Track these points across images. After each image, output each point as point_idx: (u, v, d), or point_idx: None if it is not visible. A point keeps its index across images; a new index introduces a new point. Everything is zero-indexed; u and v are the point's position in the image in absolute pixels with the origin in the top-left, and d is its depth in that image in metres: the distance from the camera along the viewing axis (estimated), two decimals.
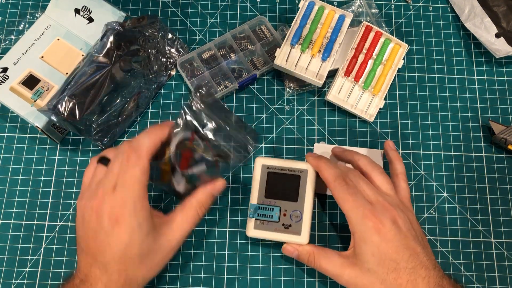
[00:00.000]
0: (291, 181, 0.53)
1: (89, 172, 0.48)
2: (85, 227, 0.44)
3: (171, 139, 0.48)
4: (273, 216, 0.53)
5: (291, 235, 0.52)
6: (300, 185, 0.53)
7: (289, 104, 0.64)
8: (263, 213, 0.53)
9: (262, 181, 0.54)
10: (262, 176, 0.54)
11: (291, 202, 0.53)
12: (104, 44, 0.56)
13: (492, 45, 0.65)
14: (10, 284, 0.56)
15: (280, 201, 0.53)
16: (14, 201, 0.59)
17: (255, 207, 0.53)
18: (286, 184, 0.53)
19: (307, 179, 0.53)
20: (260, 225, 0.53)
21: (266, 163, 0.54)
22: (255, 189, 0.54)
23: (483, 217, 0.60)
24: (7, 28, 0.66)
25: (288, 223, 0.52)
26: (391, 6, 0.69)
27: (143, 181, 0.44)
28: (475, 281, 0.58)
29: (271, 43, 0.65)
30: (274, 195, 0.53)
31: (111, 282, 0.42)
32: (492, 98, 0.65)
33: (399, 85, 0.65)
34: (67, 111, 0.54)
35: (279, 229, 0.52)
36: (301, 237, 0.52)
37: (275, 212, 0.53)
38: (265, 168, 0.54)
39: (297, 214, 0.52)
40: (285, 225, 0.52)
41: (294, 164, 0.54)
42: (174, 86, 0.64)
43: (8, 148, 0.61)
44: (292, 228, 0.52)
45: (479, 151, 0.63)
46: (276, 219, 0.53)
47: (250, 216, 0.53)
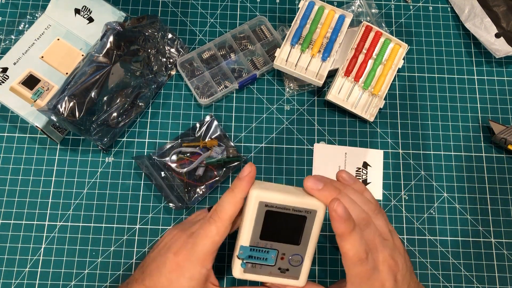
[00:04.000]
0: (294, 222, 0.42)
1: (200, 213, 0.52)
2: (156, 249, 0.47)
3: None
4: (268, 259, 0.43)
5: (286, 279, 0.44)
6: (305, 228, 0.43)
7: (289, 104, 0.64)
8: (255, 255, 0.43)
9: (258, 220, 0.42)
10: (258, 215, 0.42)
11: (292, 246, 0.43)
12: (104, 44, 0.56)
13: (492, 45, 0.65)
14: (10, 284, 0.56)
15: (279, 243, 0.43)
16: (14, 201, 0.59)
17: (247, 250, 0.43)
18: (288, 225, 0.43)
19: (315, 221, 0.42)
20: (251, 268, 0.43)
21: (265, 199, 0.41)
22: (247, 228, 0.42)
23: (483, 217, 0.60)
24: (7, 28, 0.66)
25: (285, 267, 0.43)
26: (391, 6, 0.69)
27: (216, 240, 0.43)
28: (475, 281, 0.58)
29: (271, 43, 0.65)
30: (272, 237, 0.43)
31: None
32: (492, 98, 0.65)
33: (399, 85, 0.65)
34: (67, 111, 0.54)
35: (274, 273, 0.44)
36: (299, 281, 0.44)
37: (271, 255, 0.43)
38: (263, 205, 0.41)
39: (298, 258, 0.43)
40: (282, 269, 0.44)
41: (301, 202, 0.42)
42: (174, 86, 0.64)
43: (8, 148, 0.61)
44: (289, 272, 0.44)
45: (479, 151, 0.63)
46: (271, 263, 0.43)
47: (238, 257, 0.43)
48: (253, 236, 0.42)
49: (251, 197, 0.42)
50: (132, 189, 0.60)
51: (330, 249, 0.58)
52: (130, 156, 0.61)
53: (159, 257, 0.45)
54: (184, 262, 0.43)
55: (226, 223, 0.43)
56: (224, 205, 0.44)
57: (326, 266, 0.58)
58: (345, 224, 0.39)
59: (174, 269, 0.43)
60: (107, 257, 0.57)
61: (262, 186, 0.43)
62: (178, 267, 0.43)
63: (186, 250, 0.44)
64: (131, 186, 0.60)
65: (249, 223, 0.42)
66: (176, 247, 0.45)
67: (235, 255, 0.43)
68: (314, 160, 0.62)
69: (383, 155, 0.62)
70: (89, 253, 0.57)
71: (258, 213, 0.42)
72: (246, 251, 0.42)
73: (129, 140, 0.62)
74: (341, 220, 0.39)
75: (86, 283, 0.56)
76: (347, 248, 0.40)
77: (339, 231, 0.39)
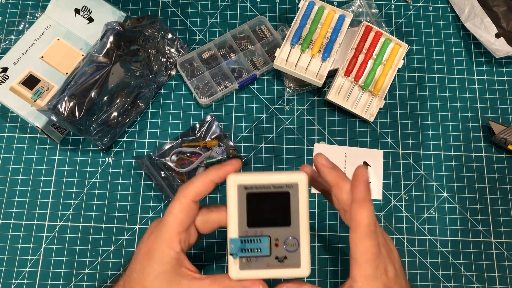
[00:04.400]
0: (278, 200, 0.41)
1: None
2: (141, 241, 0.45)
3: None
4: (262, 249, 0.40)
5: (288, 269, 0.41)
6: (291, 204, 0.41)
7: (289, 104, 0.64)
8: (248, 247, 0.40)
9: (241, 206, 0.40)
10: (240, 200, 0.40)
11: (283, 228, 0.41)
12: (104, 44, 0.56)
13: (492, 45, 0.65)
14: (10, 284, 0.56)
15: (269, 228, 0.41)
16: (14, 201, 0.59)
17: (237, 242, 0.40)
18: (273, 206, 0.41)
19: (299, 195, 0.41)
20: (246, 263, 0.40)
21: (243, 182, 0.40)
22: (232, 218, 0.41)
23: (483, 217, 0.60)
24: (7, 28, 0.66)
25: (282, 255, 0.40)
26: (391, 6, 0.69)
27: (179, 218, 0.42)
28: (475, 281, 0.58)
29: (271, 43, 0.65)
30: (260, 222, 0.41)
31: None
32: (492, 98, 0.65)
33: (399, 85, 0.65)
34: (67, 111, 0.54)
35: (273, 264, 0.40)
36: (302, 269, 0.41)
37: (264, 243, 0.40)
38: (242, 189, 0.40)
39: (293, 242, 0.41)
40: (279, 257, 0.41)
41: (279, 178, 0.41)
42: (174, 86, 0.64)
43: (8, 148, 0.61)
44: (288, 260, 0.40)
45: (479, 151, 0.63)
46: (266, 253, 0.40)
47: (231, 253, 0.40)
48: (240, 225, 0.40)
49: (229, 183, 0.41)
50: (132, 189, 0.60)
51: (330, 249, 0.58)
52: (130, 156, 0.61)
53: (138, 245, 0.45)
54: (153, 244, 0.42)
55: (189, 199, 0.42)
56: (191, 182, 0.43)
57: (326, 266, 0.58)
58: (367, 189, 0.38)
59: (145, 253, 0.42)
60: (107, 257, 0.57)
61: (239, 173, 0.42)
62: (149, 250, 0.42)
63: (155, 232, 0.43)
64: (131, 186, 0.60)
65: (233, 212, 0.41)
66: (149, 231, 0.44)
67: (228, 254, 0.41)
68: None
69: (383, 155, 0.62)
70: (89, 253, 0.57)
71: (240, 198, 0.40)
72: (237, 244, 0.40)
73: (129, 140, 0.62)
74: (366, 184, 0.38)
75: (86, 283, 0.56)
76: (363, 217, 0.38)
77: (361, 196, 0.38)
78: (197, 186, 0.42)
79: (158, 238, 0.42)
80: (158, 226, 0.43)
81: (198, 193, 0.42)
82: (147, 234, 0.44)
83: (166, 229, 0.42)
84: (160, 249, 0.42)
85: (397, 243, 0.59)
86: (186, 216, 0.42)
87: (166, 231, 0.42)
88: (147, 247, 0.43)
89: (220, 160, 0.59)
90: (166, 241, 0.42)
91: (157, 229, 0.43)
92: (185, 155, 0.60)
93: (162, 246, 0.42)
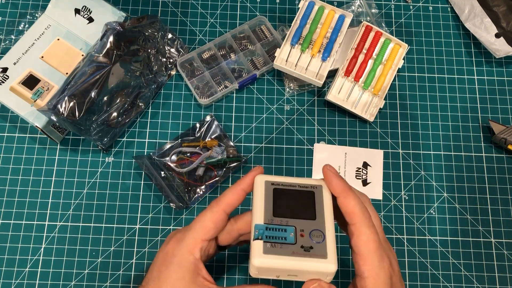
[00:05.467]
0: (304, 197, 0.41)
1: None
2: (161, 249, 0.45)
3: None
4: (288, 238, 0.39)
5: (314, 259, 0.38)
6: (316, 202, 0.41)
7: (289, 104, 0.64)
8: (273, 235, 0.39)
9: (268, 198, 0.41)
10: (266, 193, 0.41)
11: (308, 221, 0.40)
12: (104, 44, 0.56)
13: (492, 45, 0.65)
14: (10, 284, 0.56)
15: (294, 219, 0.40)
16: (14, 201, 0.59)
17: (262, 228, 0.39)
18: (299, 201, 0.41)
19: (323, 195, 0.41)
20: (271, 248, 0.38)
21: (270, 179, 0.42)
22: (258, 207, 0.40)
23: (483, 217, 0.60)
24: (7, 28, 0.66)
25: (308, 245, 0.39)
26: (391, 6, 0.69)
27: (207, 226, 0.42)
28: (475, 281, 0.58)
29: (271, 43, 0.65)
30: (285, 213, 0.40)
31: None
32: (492, 98, 0.65)
33: (399, 85, 0.65)
34: (67, 111, 0.54)
35: (298, 253, 0.38)
36: (329, 260, 0.38)
37: (289, 232, 0.39)
38: (270, 184, 0.42)
39: (319, 233, 0.39)
40: (305, 247, 0.38)
41: (305, 180, 0.43)
42: (174, 86, 0.64)
43: (8, 148, 0.61)
44: (314, 250, 0.38)
45: (479, 151, 0.63)
46: (291, 241, 0.39)
47: (254, 238, 0.38)
48: (266, 213, 0.40)
49: (257, 180, 0.42)
50: (132, 189, 0.60)
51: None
52: (130, 156, 0.61)
53: (155, 256, 0.44)
54: (172, 249, 0.42)
55: (221, 209, 0.42)
56: (224, 194, 0.43)
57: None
58: (342, 181, 0.40)
59: (163, 259, 0.42)
60: (107, 257, 0.57)
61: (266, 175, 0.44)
62: (167, 255, 0.42)
63: (177, 238, 0.43)
64: (131, 186, 0.60)
65: (259, 203, 0.41)
66: (169, 238, 0.44)
67: (251, 240, 0.39)
68: (314, 160, 0.62)
69: (383, 155, 0.62)
70: (89, 253, 0.57)
71: (266, 191, 0.41)
72: (262, 229, 0.39)
73: (129, 140, 0.62)
74: (338, 177, 0.40)
75: (86, 283, 0.56)
76: (353, 205, 0.39)
77: (339, 188, 0.40)
78: (228, 197, 0.42)
79: (179, 243, 0.42)
80: (179, 232, 0.43)
81: (230, 204, 0.42)
82: (165, 242, 0.44)
83: (190, 234, 0.42)
84: (180, 254, 0.41)
85: (397, 243, 0.59)
86: (214, 226, 0.42)
87: (190, 236, 0.41)
88: (166, 252, 0.42)
89: (220, 160, 0.59)
90: (187, 246, 0.41)
91: (178, 235, 0.43)
92: (185, 155, 0.60)
93: (182, 251, 0.41)
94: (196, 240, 0.41)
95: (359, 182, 0.61)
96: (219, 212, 0.42)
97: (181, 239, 0.42)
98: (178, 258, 0.41)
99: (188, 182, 0.59)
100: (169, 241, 0.43)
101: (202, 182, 0.59)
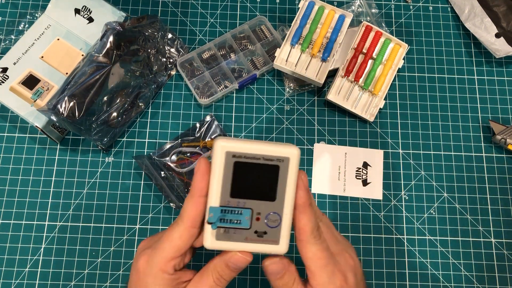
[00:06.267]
0: (266, 173, 0.38)
1: None
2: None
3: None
4: (242, 222, 0.38)
5: (265, 244, 0.39)
6: (279, 179, 0.38)
7: (289, 104, 0.64)
8: (228, 218, 0.38)
9: (227, 174, 0.38)
10: (226, 168, 0.38)
11: (266, 202, 0.39)
12: (104, 44, 0.56)
13: (492, 45, 0.65)
14: (10, 284, 0.56)
15: (252, 201, 0.38)
16: (14, 201, 0.59)
17: (217, 211, 0.38)
18: (260, 178, 0.38)
19: (289, 170, 0.38)
20: (224, 234, 0.38)
21: (232, 149, 0.37)
22: (215, 185, 0.38)
23: (483, 217, 0.60)
24: (7, 28, 0.66)
25: (262, 230, 0.39)
26: (391, 6, 0.69)
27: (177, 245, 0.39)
28: (475, 281, 0.58)
29: (271, 43, 0.65)
30: (244, 194, 0.38)
31: None
32: (492, 98, 0.65)
33: (399, 85, 0.65)
34: (67, 111, 0.54)
35: (251, 238, 0.39)
36: (280, 246, 0.39)
37: (245, 216, 0.38)
38: (230, 156, 0.37)
39: (275, 217, 0.39)
40: (259, 232, 0.39)
41: (271, 150, 0.38)
42: (174, 86, 0.64)
43: (8, 148, 0.61)
44: (267, 235, 0.39)
45: (479, 151, 0.63)
46: (246, 225, 0.38)
47: (209, 222, 0.38)
48: (222, 194, 0.38)
49: (217, 148, 0.37)
50: (132, 189, 0.60)
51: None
52: (130, 156, 0.61)
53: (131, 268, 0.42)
54: (143, 268, 0.40)
55: (188, 225, 0.39)
56: (184, 208, 0.40)
57: None
58: (308, 195, 0.38)
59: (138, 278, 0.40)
60: (107, 257, 0.57)
61: (228, 139, 0.39)
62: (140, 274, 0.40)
63: (147, 255, 0.40)
64: (131, 186, 0.60)
65: (217, 180, 0.37)
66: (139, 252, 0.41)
67: (205, 222, 0.38)
68: (314, 160, 0.62)
69: (383, 155, 0.62)
70: (89, 253, 0.57)
71: (226, 166, 0.37)
72: (217, 213, 0.38)
73: (129, 140, 0.62)
74: (305, 190, 0.38)
75: (86, 283, 0.56)
76: (304, 223, 0.38)
77: (302, 201, 0.38)
78: (190, 210, 0.39)
79: (149, 263, 0.40)
80: (149, 248, 0.40)
81: (194, 218, 0.39)
82: (135, 257, 0.41)
83: (160, 253, 0.39)
84: (152, 274, 0.39)
85: (397, 243, 0.59)
86: (184, 244, 0.39)
87: (159, 256, 0.39)
88: (137, 270, 0.40)
89: None
90: (158, 266, 0.39)
91: (148, 251, 0.40)
92: (185, 155, 0.60)
93: (154, 271, 0.39)
94: (167, 259, 0.39)
95: (359, 182, 0.61)
96: (187, 229, 0.39)
97: (151, 257, 0.40)
98: (152, 278, 0.39)
99: (188, 182, 0.59)
100: (139, 258, 0.41)
101: None
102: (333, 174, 0.61)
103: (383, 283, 0.57)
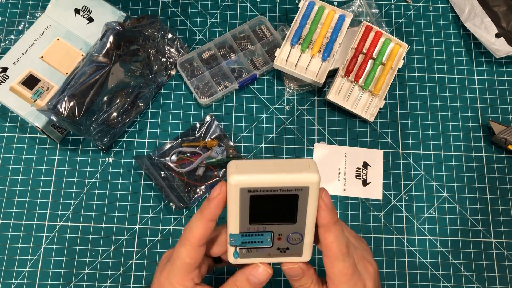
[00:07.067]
0: (285, 202, 0.37)
1: None
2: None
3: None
4: (264, 242, 0.39)
5: (289, 257, 0.39)
6: (299, 205, 0.37)
7: (289, 104, 0.64)
8: (249, 240, 0.38)
9: (243, 207, 0.37)
10: (242, 202, 0.36)
11: (287, 225, 0.38)
12: (104, 44, 0.56)
13: (492, 45, 0.65)
14: (10, 284, 0.56)
15: (272, 224, 0.38)
16: (14, 201, 0.59)
17: (238, 237, 0.38)
18: (279, 207, 0.37)
19: (309, 198, 0.36)
20: (247, 253, 0.39)
21: (246, 185, 0.35)
22: (233, 215, 0.37)
23: (483, 217, 0.60)
24: (7, 28, 0.66)
25: (284, 247, 0.39)
26: (391, 6, 0.69)
27: (187, 262, 0.40)
28: (475, 281, 0.58)
29: (271, 43, 0.65)
30: (263, 220, 0.38)
31: None
32: (492, 98, 0.65)
33: (399, 85, 0.65)
34: (67, 111, 0.54)
35: (274, 254, 0.39)
36: (303, 257, 0.40)
37: (266, 237, 0.38)
38: (246, 192, 0.35)
39: (297, 236, 0.38)
40: (281, 249, 0.39)
41: (288, 180, 0.35)
42: (174, 86, 0.64)
43: (8, 148, 0.61)
44: (290, 250, 0.39)
45: (479, 151, 0.63)
46: (268, 244, 0.39)
47: (231, 245, 0.39)
48: (241, 222, 0.37)
49: (230, 186, 0.35)
50: (132, 189, 0.60)
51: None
52: (130, 156, 0.61)
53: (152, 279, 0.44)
54: (165, 283, 0.41)
55: (195, 245, 0.40)
56: (192, 227, 0.40)
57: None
58: (331, 214, 0.38)
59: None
60: (107, 257, 0.57)
61: (240, 168, 0.36)
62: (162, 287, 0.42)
63: (167, 270, 0.42)
64: (131, 186, 0.60)
65: (234, 212, 0.37)
66: (162, 264, 0.43)
67: (228, 242, 0.39)
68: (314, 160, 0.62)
69: (383, 155, 0.62)
70: (89, 253, 0.57)
71: (242, 200, 0.36)
72: (238, 238, 0.38)
73: (129, 140, 0.62)
74: (328, 209, 0.38)
75: (86, 283, 0.56)
76: (331, 241, 0.38)
77: (325, 221, 0.38)
78: (197, 230, 0.39)
79: (169, 278, 0.41)
80: (169, 262, 0.42)
81: (201, 238, 0.40)
82: (159, 268, 0.43)
83: (176, 270, 0.41)
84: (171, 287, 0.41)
85: (397, 243, 0.59)
86: (194, 261, 0.40)
87: (175, 272, 0.41)
88: (161, 285, 0.42)
89: (220, 160, 0.59)
90: (177, 281, 0.41)
91: (168, 266, 0.42)
92: (185, 155, 0.60)
93: (175, 286, 0.41)
94: (183, 275, 0.41)
95: (359, 182, 0.61)
96: (194, 248, 0.40)
97: (169, 273, 0.41)
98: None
99: (188, 182, 0.59)
100: (161, 273, 0.42)
101: (202, 182, 0.59)
102: (333, 174, 0.61)
103: (383, 283, 0.57)
